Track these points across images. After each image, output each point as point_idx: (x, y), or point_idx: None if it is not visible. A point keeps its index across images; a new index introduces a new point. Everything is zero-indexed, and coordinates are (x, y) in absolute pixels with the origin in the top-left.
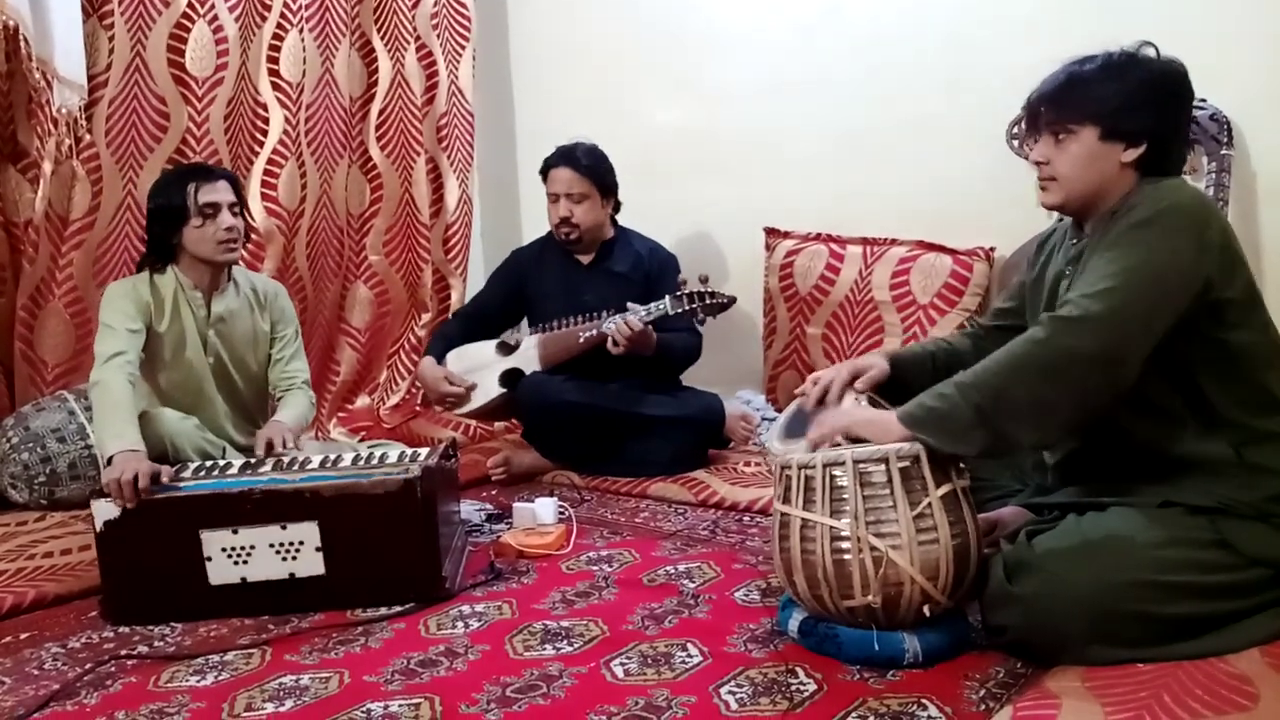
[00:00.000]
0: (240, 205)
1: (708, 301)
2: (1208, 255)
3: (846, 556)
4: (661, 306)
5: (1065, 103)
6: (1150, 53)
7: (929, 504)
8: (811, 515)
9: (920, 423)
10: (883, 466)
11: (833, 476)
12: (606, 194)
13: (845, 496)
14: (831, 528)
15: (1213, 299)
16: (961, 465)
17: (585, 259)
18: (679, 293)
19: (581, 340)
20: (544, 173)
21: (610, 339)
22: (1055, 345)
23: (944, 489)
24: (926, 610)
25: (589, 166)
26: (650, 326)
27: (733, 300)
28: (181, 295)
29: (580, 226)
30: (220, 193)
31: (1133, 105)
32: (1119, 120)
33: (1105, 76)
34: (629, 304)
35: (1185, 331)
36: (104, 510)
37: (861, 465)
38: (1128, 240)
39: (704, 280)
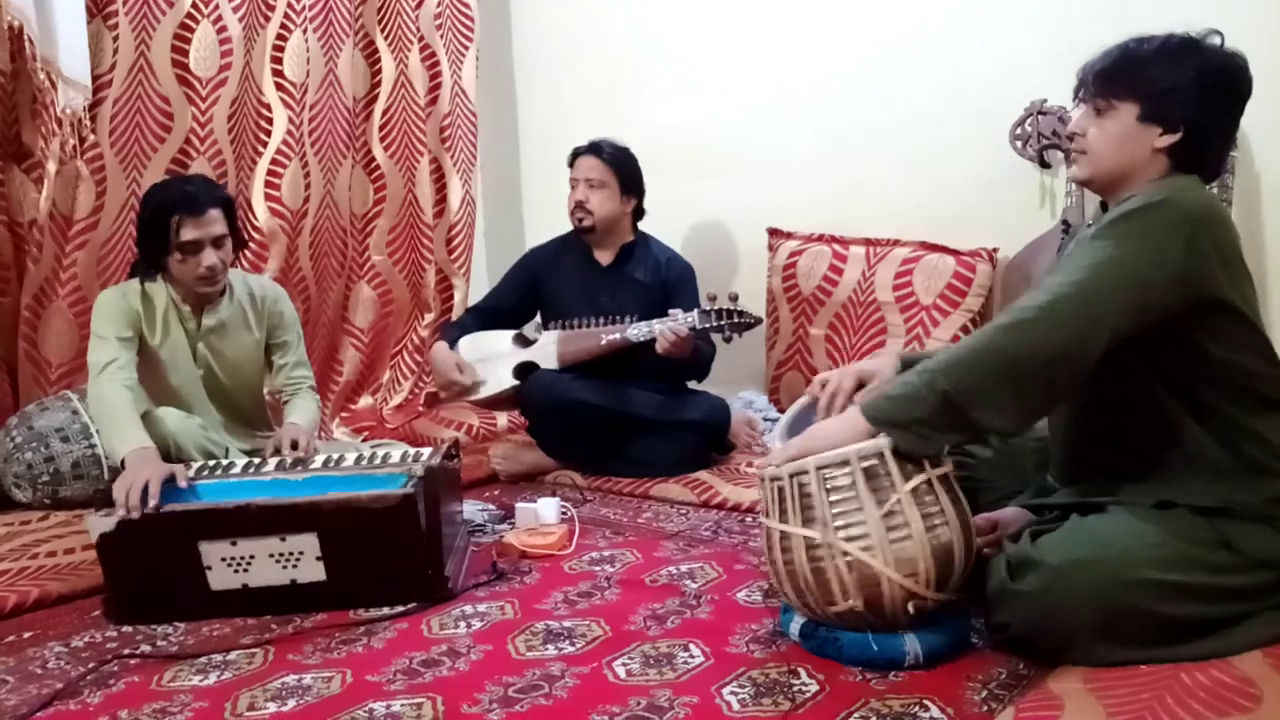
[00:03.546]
0: (232, 230)
1: (736, 320)
2: (1198, 260)
3: (822, 564)
4: (690, 319)
5: (1113, 77)
6: (1214, 42)
7: (898, 500)
8: (786, 527)
9: (883, 417)
10: (846, 469)
11: (800, 485)
12: (627, 190)
13: (813, 504)
14: (805, 537)
15: (1208, 307)
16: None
17: (604, 260)
18: (709, 309)
19: (603, 342)
20: (571, 162)
21: (659, 344)
22: (1021, 335)
23: (914, 481)
24: (910, 607)
25: (611, 155)
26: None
27: (759, 321)
28: (172, 307)
29: (594, 214)
30: (204, 227)
31: (1179, 91)
32: (1161, 103)
33: (1159, 57)
34: (670, 310)
35: (1181, 339)
36: (98, 524)
37: (825, 470)
38: (1112, 232)
39: (734, 298)
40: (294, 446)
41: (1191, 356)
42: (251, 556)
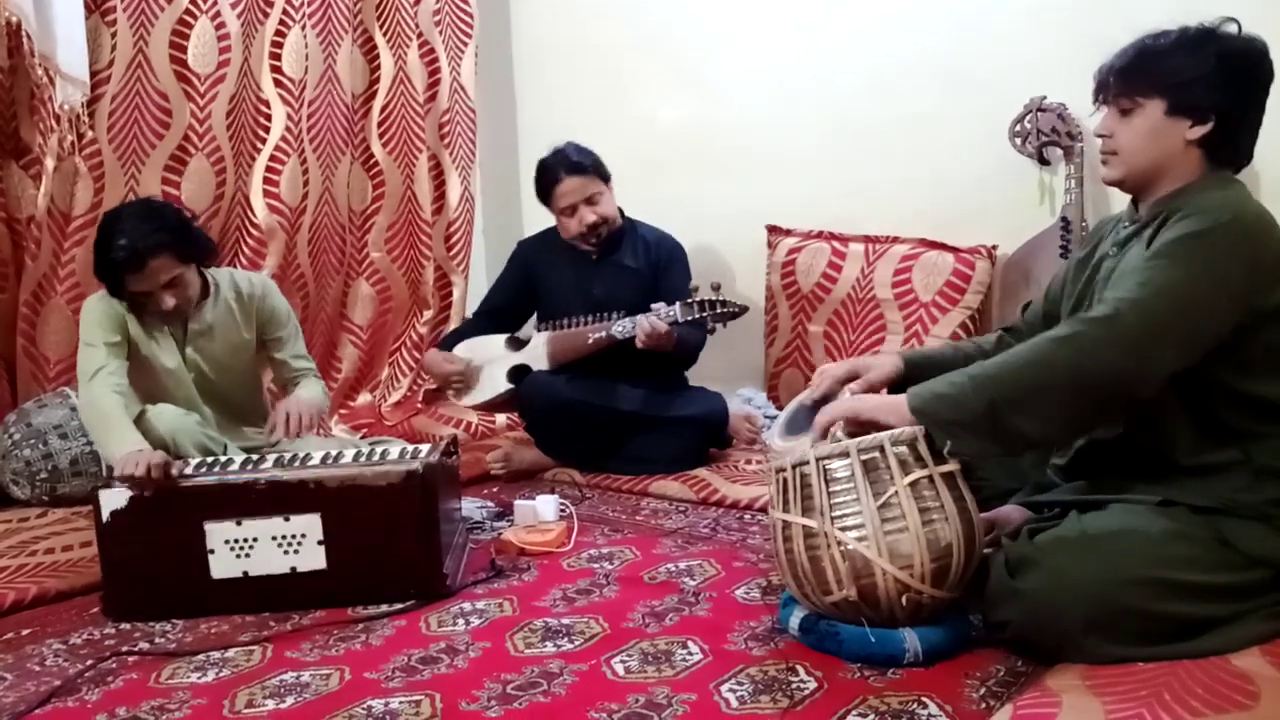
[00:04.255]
0: (190, 256)
1: (719, 310)
2: (1259, 274)
3: (819, 553)
4: (672, 313)
5: (1134, 74)
6: (1231, 29)
7: (895, 493)
8: (788, 516)
9: (927, 411)
10: (846, 460)
11: (802, 476)
12: (608, 182)
13: (813, 494)
14: (804, 526)
15: (1261, 317)
16: (946, 451)
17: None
18: (690, 300)
19: (590, 341)
20: (548, 189)
21: (637, 339)
22: (1080, 351)
23: (914, 476)
24: (904, 600)
25: (592, 164)
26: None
27: (744, 309)
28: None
29: (609, 222)
30: (152, 276)
31: (1204, 80)
32: (1187, 94)
33: (1178, 49)
34: (652, 305)
35: (1223, 350)
36: (111, 500)
37: (825, 461)
38: (1178, 251)
39: (716, 288)
40: (299, 420)
41: (1214, 361)
42: (255, 539)
